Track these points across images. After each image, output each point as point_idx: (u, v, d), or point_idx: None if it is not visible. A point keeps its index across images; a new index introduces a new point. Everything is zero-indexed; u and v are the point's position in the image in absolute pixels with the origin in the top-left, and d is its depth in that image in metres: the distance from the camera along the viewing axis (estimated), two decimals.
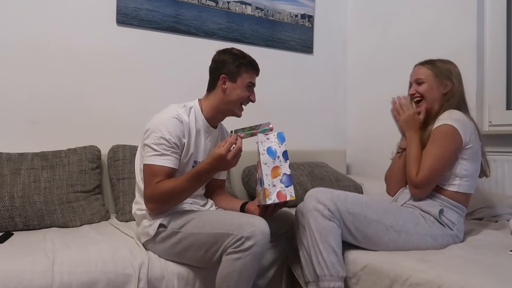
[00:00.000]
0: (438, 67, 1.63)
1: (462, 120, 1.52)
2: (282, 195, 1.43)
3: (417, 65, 1.70)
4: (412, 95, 1.67)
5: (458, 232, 1.53)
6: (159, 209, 1.50)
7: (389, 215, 1.49)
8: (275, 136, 1.48)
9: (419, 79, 1.64)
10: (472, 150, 1.53)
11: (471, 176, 1.56)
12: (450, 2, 2.47)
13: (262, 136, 1.48)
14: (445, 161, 1.51)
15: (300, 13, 2.92)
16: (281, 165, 1.45)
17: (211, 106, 1.61)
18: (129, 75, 2.32)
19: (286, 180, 1.44)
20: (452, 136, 1.50)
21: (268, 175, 1.44)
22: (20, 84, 2.04)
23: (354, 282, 1.46)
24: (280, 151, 1.46)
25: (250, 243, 1.29)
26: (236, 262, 1.31)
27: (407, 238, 1.47)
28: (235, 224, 1.34)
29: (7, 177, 1.77)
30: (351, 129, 3.13)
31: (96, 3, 2.22)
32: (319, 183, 2.49)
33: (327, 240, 1.42)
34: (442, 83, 1.61)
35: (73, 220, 1.83)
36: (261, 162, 1.45)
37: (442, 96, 1.61)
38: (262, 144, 1.47)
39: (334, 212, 1.44)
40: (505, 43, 2.31)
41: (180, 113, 1.53)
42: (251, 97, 1.62)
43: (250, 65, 1.60)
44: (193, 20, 2.50)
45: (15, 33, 2.03)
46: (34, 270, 1.28)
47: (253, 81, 1.62)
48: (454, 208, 1.54)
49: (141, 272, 1.39)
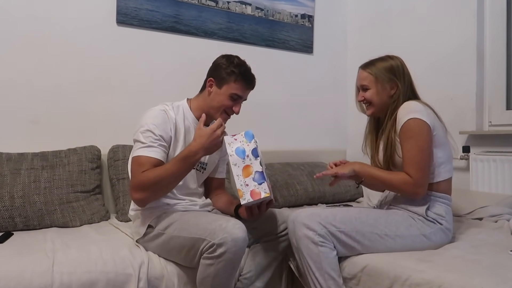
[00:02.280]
0: (379, 70, 1.62)
1: (421, 109, 1.51)
2: (255, 193, 1.40)
3: (360, 69, 1.70)
4: (361, 101, 1.69)
5: (447, 223, 1.53)
6: (146, 199, 1.46)
7: (380, 223, 1.49)
8: (242, 135, 1.45)
9: (364, 85, 1.66)
10: (438, 136, 1.54)
11: (446, 161, 1.57)
12: (450, 2, 2.47)
13: (229, 138, 1.45)
14: (428, 152, 1.51)
15: (300, 13, 2.92)
16: (252, 163, 1.42)
17: (197, 106, 1.62)
18: (129, 75, 2.32)
19: (259, 177, 1.41)
20: (421, 127, 1.49)
21: (240, 176, 1.41)
22: (20, 84, 2.05)
23: (354, 283, 1.46)
24: (249, 149, 1.43)
25: (222, 250, 1.27)
26: (210, 267, 1.31)
27: (403, 242, 1.47)
28: (209, 229, 1.32)
29: (7, 177, 1.78)
30: (351, 129, 3.13)
31: (96, 3, 2.22)
32: (319, 183, 2.49)
33: (322, 267, 1.41)
34: (385, 86, 1.61)
35: (73, 220, 1.83)
36: (230, 163, 1.42)
37: (389, 98, 1.62)
38: (229, 145, 1.44)
39: (325, 235, 1.43)
40: (505, 43, 2.31)
41: (167, 109, 1.56)
42: (234, 109, 1.57)
43: (242, 77, 1.55)
44: (193, 20, 2.50)
45: (15, 33, 2.03)
46: (34, 270, 1.28)
47: (240, 94, 1.56)
48: (440, 200, 1.54)
49: (141, 271, 1.40)
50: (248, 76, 1.57)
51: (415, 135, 1.49)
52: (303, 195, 2.42)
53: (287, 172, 2.49)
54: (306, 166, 2.63)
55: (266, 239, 1.63)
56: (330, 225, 1.44)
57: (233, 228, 1.29)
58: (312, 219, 1.44)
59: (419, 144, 1.49)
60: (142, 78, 2.35)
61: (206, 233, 1.32)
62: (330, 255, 1.43)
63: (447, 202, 1.57)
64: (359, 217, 1.50)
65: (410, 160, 1.49)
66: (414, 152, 1.49)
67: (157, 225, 1.49)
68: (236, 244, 1.28)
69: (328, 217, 1.46)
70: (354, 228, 1.46)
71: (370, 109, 1.67)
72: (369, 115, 1.71)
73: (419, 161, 1.49)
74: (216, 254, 1.28)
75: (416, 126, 1.49)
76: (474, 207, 1.98)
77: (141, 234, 1.53)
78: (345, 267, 1.48)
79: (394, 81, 1.61)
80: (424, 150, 1.49)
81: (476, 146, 2.33)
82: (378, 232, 1.47)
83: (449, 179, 1.59)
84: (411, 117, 1.50)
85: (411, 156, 1.49)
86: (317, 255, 1.41)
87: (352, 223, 1.47)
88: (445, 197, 1.56)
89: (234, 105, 1.57)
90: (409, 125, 1.50)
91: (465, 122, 2.37)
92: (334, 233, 1.44)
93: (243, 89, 1.57)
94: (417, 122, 1.49)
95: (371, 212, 1.56)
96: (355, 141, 3.21)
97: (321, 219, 1.44)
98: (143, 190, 1.43)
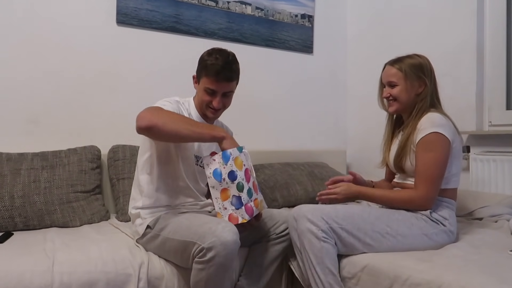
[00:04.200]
0: (408, 67, 1.59)
1: (444, 124, 1.52)
2: (233, 218, 1.36)
3: (387, 65, 1.67)
4: (386, 97, 1.67)
5: (450, 226, 1.54)
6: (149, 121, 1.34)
7: (382, 221, 1.49)
8: (220, 156, 1.36)
9: (392, 82, 1.63)
10: (456, 149, 1.55)
11: (458, 172, 1.59)
12: (450, 2, 2.47)
13: (207, 158, 1.38)
14: (444, 168, 1.52)
15: (300, 13, 2.92)
16: (229, 187, 1.36)
17: (196, 103, 1.64)
18: (129, 75, 2.32)
19: (236, 202, 1.36)
20: (443, 143, 1.50)
21: (218, 198, 1.37)
22: (20, 84, 2.04)
23: (354, 282, 1.46)
24: (225, 173, 1.35)
25: (211, 254, 1.26)
26: (202, 272, 1.30)
27: (404, 241, 1.48)
28: (199, 233, 1.31)
29: (7, 177, 1.77)
30: (351, 129, 3.13)
31: (96, 3, 2.22)
32: (319, 183, 2.49)
33: (323, 262, 1.42)
34: (414, 84, 1.60)
35: (73, 220, 1.83)
36: (209, 185, 1.37)
37: (416, 96, 1.61)
38: (208, 166, 1.37)
39: (328, 231, 1.43)
40: (505, 43, 2.31)
41: (179, 101, 1.59)
42: (213, 103, 1.53)
43: (207, 70, 1.49)
44: (193, 20, 2.50)
45: (15, 33, 2.03)
46: (34, 270, 1.28)
47: (212, 88, 1.51)
48: (445, 204, 1.56)
49: (141, 271, 1.40)
50: (216, 69, 1.48)
51: (436, 149, 1.49)
52: (303, 195, 2.42)
53: (287, 172, 2.49)
54: (306, 166, 2.63)
55: (266, 239, 1.63)
56: (333, 221, 1.45)
57: (222, 232, 1.27)
58: (315, 214, 1.45)
59: (437, 160, 1.49)
60: (142, 78, 2.35)
61: (196, 236, 1.31)
62: (331, 251, 1.44)
63: (451, 206, 1.58)
64: (361, 214, 1.50)
65: (424, 173, 1.50)
66: (430, 166, 1.50)
67: (154, 226, 1.49)
68: (226, 247, 1.26)
69: (330, 213, 1.47)
70: (356, 226, 1.46)
71: (394, 105, 1.64)
72: (392, 112, 1.68)
73: (433, 175, 1.50)
74: (206, 258, 1.27)
75: (438, 141, 1.50)
76: (474, 207, 1.98)
77: (140, 233, 1.53)
78: (345, 266, 1.48)
79: (423, 79, 1.60)
80: (440, 166, 1.50)
81: (476, 146, 2.33)
82: (380, 231, 1.47)
83: (456, 188, 1.62)
84: (435, 130, 1.50)
85: (426, 169, 1.50)
86: (319, 250, 1.42)
87: (354, 220, 1.47)
88: (450, 201, 1.58)
89: (212, 99, 1.53)
90: (431, 138, 1.50)
91: (465, 122, 2.37)
92: (336, 229, 1.44)
93: (214, 82, 1.50)
94: (440, 137, 1.50)
95: (373, 211, 1.56)
96: (355, 141, 3.22)
97: (323, 215, 1.45)
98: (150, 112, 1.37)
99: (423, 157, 1.51)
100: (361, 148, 3.05)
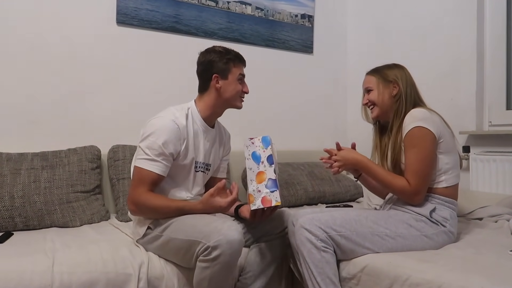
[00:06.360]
0: (383, 73, 1.68)
1: (427, 117, 1.53)
2: (267, 201, 1.41)
3: (366, 74, 1.75)
4: (365, 104, 1.73)
5: (451, 227, 1.54)
6: (136, 214, 1.53)
7: (380, 224, 1.49)
8: (259, 140, 1.46)
9: (368, 87, 1.71)
10: (445, 142, 1.55)
11: (454, 167, 1.59)
12: (450, 2, 2.47)
13: (247, 141, 1.47)
14: (430, 161, 1.53)
15: (300, 13, 2.92)
16: (266, 170, 1.43)
17: (207, 106, 1.62)
18: (129, 75, 2.32)
19: (271, 185, 1.42)
20: (426, 136, 1.51)
21: (253, 181, 1.43)
22: (20, 84, 2.04)
23: (354, 283, 1.45)
24: (264, 156, 1.44)
25: (217, 253, 1.27)
26: (206, 270, 1.30)
27: (404, 242, 1.48)
28: (204, 231, 1.32)
29: (7, 177, 1.77)
30: (351, 129, 3.13)
31: (96, 3, 2.22)
32: (319, 183, 2.49)
33: (324, 272, 1.42)
34: (388, 86, 1.65)
35: (73, 220, 1.83)
36: (246, 167, 1.45)
37: (392, 98, 1.64)
38: (247, 148, 1.46)
39: (326, 240, 1.43)
40: (505, 43, 2.31)
41: (177, 117, 1.54)
42: (244, 89, 1.65)
43: (237, 59, 1.62)
44: (193, 20, 2.50)
45: (15, 33, 2.03)
46: (34, 270, 1.28)
47: (243, 73, 1.64)
48: (446, 204, 1.56)
49: (141, 271, 1.40)
50: (239, 55, 1.64)
51: (418, 144, 1.51)
52: (303, 195, 2.42)
53: (287, 172, 2.49)
54: (306, 166, 2.63)
55: (266, 239, 1.63)
56: (331, 229, 1.45)
57: (228, 230, 1.29)
58: (313, 224, 1.45)
59: (421, 153, 1.51)
60: (142, 78, 2.35)
61: (201, 235, 1.32)
62: (331, 260, 1.44)
63: (452, 206, 1.57)
64: (358, 219, 1.50)
65: (410, 168, 1.52)
66: (415, 160, 1.51)
67: (156, 227, 1.49)
68: (232, 246, 1.28)
69: (328, 221, 1.47)
70: (354, 231, 1.46)
71: (374, 110, 1.69)
72: (374, 118, 1.72)
73: (419, 170, 1.51)
74: (212, 256, 1.28)
75: (420, 135, 1.51)
76: (474, 207, 1.98)
77: (140, 234, 1.53)
78: (345, 267, 1.48)
79: (396, 80, 1.64)
80: (425, 160, 1.51)
81: (476, 146, 2.33)
82: (379, 233, 1.47)
83: (456, 184, 1.61)
84: (416, 125, 1.51)
85: (412, 164, 1.52)
86: (319, 261, 1.42)
87: (352, 225, 1.47)
88: (451, 201, 1.57)
89: (243, 86, 1.64)
90: (413, 133, 1.52)
91: (465, 122, 2.37)
92: (334, 237, 1.45)
93: (242, 67, 1.65)
94: (422, 131, 1.51)
95: (370, 214, 1.56)
96: (355, 141, 3.21)
97: (321, 224, 1.45)
98: (136, 206, 1.49)
99: (408, 153, 1.53)
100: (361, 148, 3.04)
